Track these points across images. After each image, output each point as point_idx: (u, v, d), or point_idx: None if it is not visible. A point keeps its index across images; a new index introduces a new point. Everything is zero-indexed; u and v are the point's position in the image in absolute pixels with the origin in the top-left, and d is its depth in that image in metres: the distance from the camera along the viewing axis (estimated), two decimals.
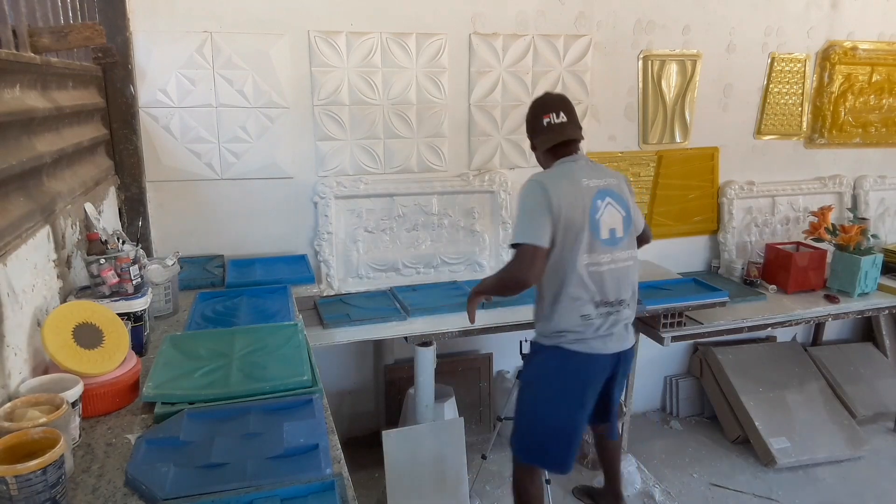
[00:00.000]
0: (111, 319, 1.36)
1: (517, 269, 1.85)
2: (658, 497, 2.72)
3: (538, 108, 2.04)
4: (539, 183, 1.88)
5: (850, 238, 2.98)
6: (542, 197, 1.85)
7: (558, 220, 1.85)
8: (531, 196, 1.87)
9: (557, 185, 1.88)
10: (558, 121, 1.99)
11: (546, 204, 1.84)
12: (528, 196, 1.88)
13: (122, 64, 2.21)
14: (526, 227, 1.84)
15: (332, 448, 1.17)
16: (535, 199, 1.85)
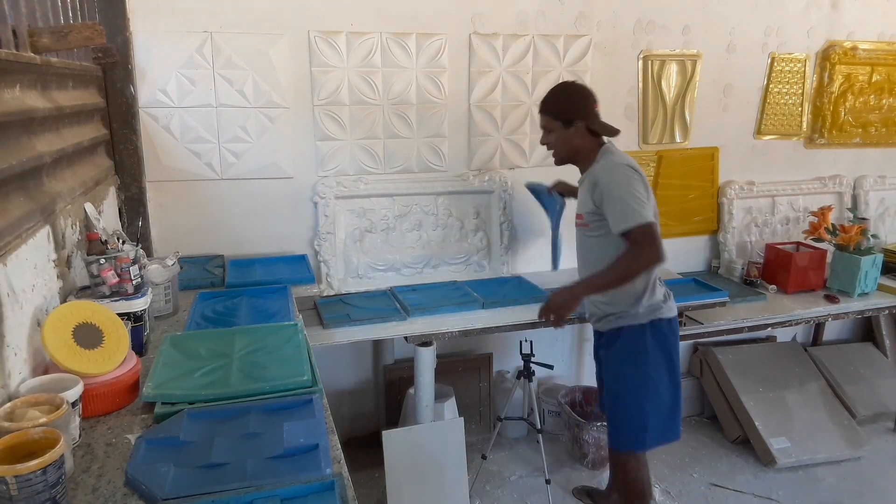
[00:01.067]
0: (111, 319, 1.36)
1: (653, 249, 1.84)
2: (658, 497, 2.72)
3: (589, 96, 2.03)
4: (633, 167, 1.92)
5: (850, 238, 2.98)
6: (641, 179, 1.90)
7: (649, 200, 1.93)
8: (633, 178, 1.88)
9: (639, 168, 1.96)
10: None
11: (644, 185, 1.90)
12: (630, 179, 1.88)
13: (122, 64, 2.21)
14: (643, 208, 1.84)
15: (332, 448, 1.17)
16: (639, 181, 1.89)
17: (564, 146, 2.01)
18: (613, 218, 1.86)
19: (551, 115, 2.00)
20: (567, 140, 2.00)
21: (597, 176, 1.93)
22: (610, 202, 1.87)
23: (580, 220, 2.03)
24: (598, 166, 1.95)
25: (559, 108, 2.00)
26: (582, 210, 2.01)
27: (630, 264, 1.86)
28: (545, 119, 2.02)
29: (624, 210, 1.84)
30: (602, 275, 1.90)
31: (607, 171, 1.91)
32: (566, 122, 1.98)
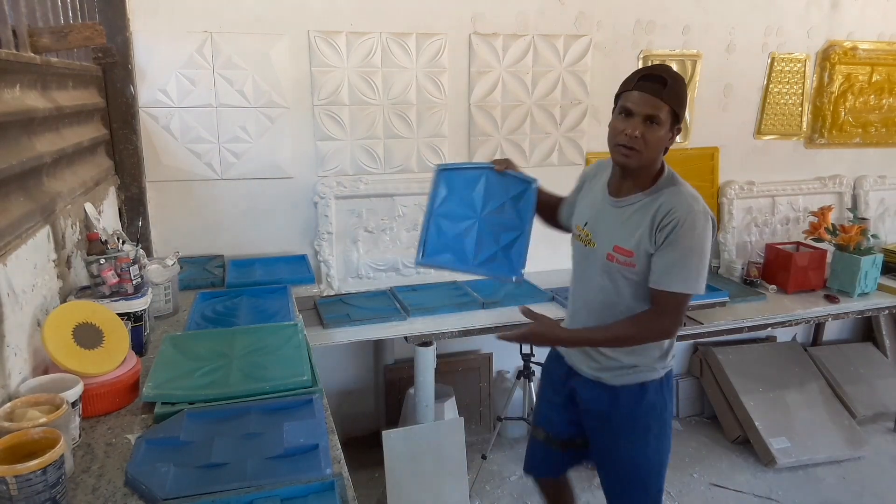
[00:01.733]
0: (111, 319, 1.36)
1: (677, 324, 1.54)
2: None
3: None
4: (712, 218, 1.52)
5: (850, 238, 2.98)
6: (711, 235, 1.51)
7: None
8: (708, 235, 1.50)
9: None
10: None
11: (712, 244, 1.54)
12: (708, 236, 1.50)
13: (122, 64, 2.21)
14: (703, 278, 1.50)
15: (332, 448, 1.17)
16: (710, 239, 1.51)
17: (657, 149, 1.50)
18: (665, 270, 1.48)
19: (672, 105, 1.46)
20: (663, 143, 1.50)
21: (673, 211, 1.47)
22: (676, 252, 1.47)
23: (625, 256, 1.53)
24: (674, 197, 1.50)
25: (682, 100, 1.50)
26: (631, 245, 1.52)
27: (644, 331, 1.54)
28: (660, 107, 1.45)
29: (687, 271, 1.47)
30: (604, 332, 1.56)
31: (691, 213, 1.46)
32: (676, 121, 1.49)
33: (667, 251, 1.48)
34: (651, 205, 1.52)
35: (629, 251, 1.53)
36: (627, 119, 1.46)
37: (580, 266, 1.70)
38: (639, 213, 1.53)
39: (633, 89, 1.47)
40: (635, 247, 1.52)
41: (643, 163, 1.50)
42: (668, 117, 1.47)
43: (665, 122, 1.47)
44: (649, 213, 1.51)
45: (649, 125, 1.46)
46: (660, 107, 1.45)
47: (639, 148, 1.47)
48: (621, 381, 1.64)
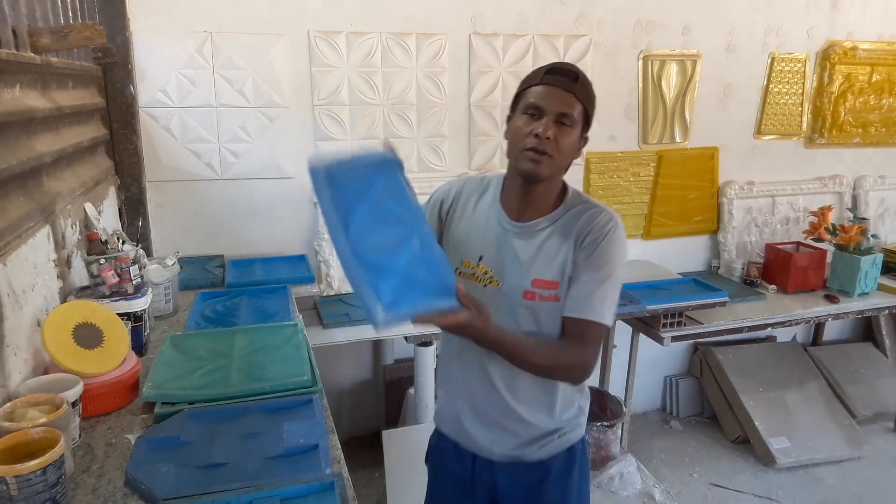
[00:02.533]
0: (111, 319, 1.36)
1: (594, 360, 1.28)
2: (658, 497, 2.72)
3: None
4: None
5: (850, 238, 2.98)
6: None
7: None
8: (624, 254, 1.29)
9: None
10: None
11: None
12: (623, 253, 1.29)
13: (122, 64, 2.21)
14: (616, 301, 1.28)
15: (332, 448, 1.17)
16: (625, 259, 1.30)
17: (568, 157, 1.27)
18: (587, 296, 1.23)
19: (585, 104, 1.25)
20: (573, 151, 1.27)
21: (595, 223, 1.26)
22: (599, 274, 1.24)
23: (549, 290, 1.26)
24: (592, 209, 1.28)
25: (593, 101, 1.28)
26: (553, 274, 1.26)
27: (569, 363, 1.25)
28: (572, 104, 1.23)
29: (603, 299, 1.24)
30: (540, 351, 1.25)
31: (614, 227, 1.26)
32: (586, 126, 1.28)
33: (588, 272, 1.24)
34: (570, 224, 1.27)
35: (553, 282, 1.26)
36: (534, 119, 1.23)
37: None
38: (556, 236, 1.27)
39: (539, 84, 1.24)
40: (559, 275, 1.26)
41: (554, 171, 1.25)
42: (580, 118, 1.24)
43: (577, 123, 1.24)
44: (571, 233, 1.26)
45: (561, 126, 1.22)
46: (573, 104, 1.22)
47: (551, 152, 1.21)
48: (548, 452, 1.36)
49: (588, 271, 1.24)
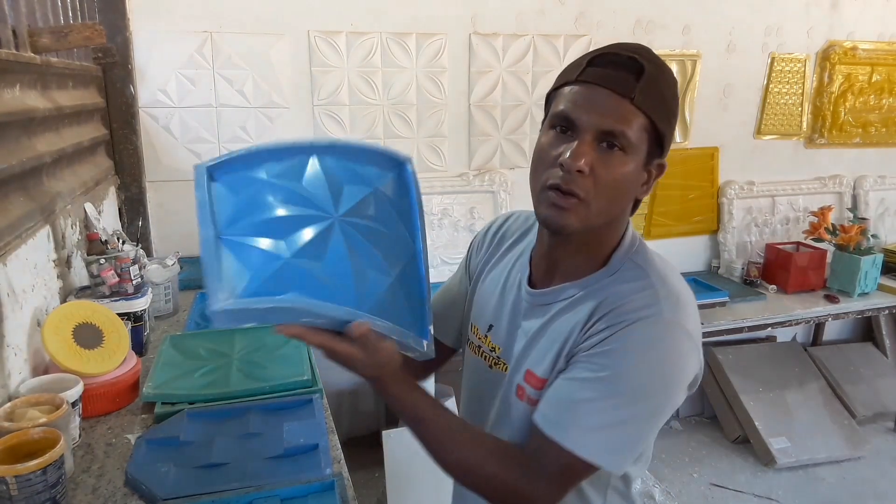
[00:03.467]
0: (111, 319, 1.36)
1: (548, 496, 0.81)
2: (658, 497, 2.72)
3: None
4: (693, 342, 0.83)
5: (850, 238, 2.98)
6: (686, 379, 0.83)
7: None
8: (677, 373, 0.82)
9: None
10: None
11: (684, 393, 0.84)
12: (674, 371, 0.81)
13: (122, 64, 2.21)
14: (634, 445, 0.83)
15: (332, 448, 1.17)
16: (676, 387, 0.82)
17: (620, 199, 0.84)
18: (552, 403, 0.82)
19: (652, 113, 0.80)
20: (631, 188, 0.84)
21: (621, 305, 0.81)
22: (581, 382, 0.80)
23: (536, 389, 0.88)
24: (630, 284, 0.84)
25: (669, 107, 0.83)
26: (545, 369, 0.87)
27: (503, 481, 0.82)
28: (628, 115, 0.79)
29: (581, 417, 0.79)
30: (457, 435, 0.85)
31: (651, 317, 0.79)
32: (657, 146, 0.83)
33: (578, 369, 0.81)
34: (589, 298, 0.85)
35: (540, 378, 0.87)
36: (564, 138, 0.81)
37: (475, 391, 1.02)
38: (567, 313, 0.86)
39: (576, 81, 0.81)
40: (549, 370, 0.86)
41: (590, 221, 0.81)
42: (641, 137, 0.79)
43: (637, 146, 0.79)
44: (583, 312, 0.84)
45: (606, 151, 0.79)
46: (627, 116, 0.78)
47: (583, 193, 0.79)
48: None
49: (579, 369, 0.80)
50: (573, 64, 0.85)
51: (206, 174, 0.91)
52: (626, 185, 0.82)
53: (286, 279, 0.79)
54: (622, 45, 0.83)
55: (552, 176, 0.81)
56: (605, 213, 0.82)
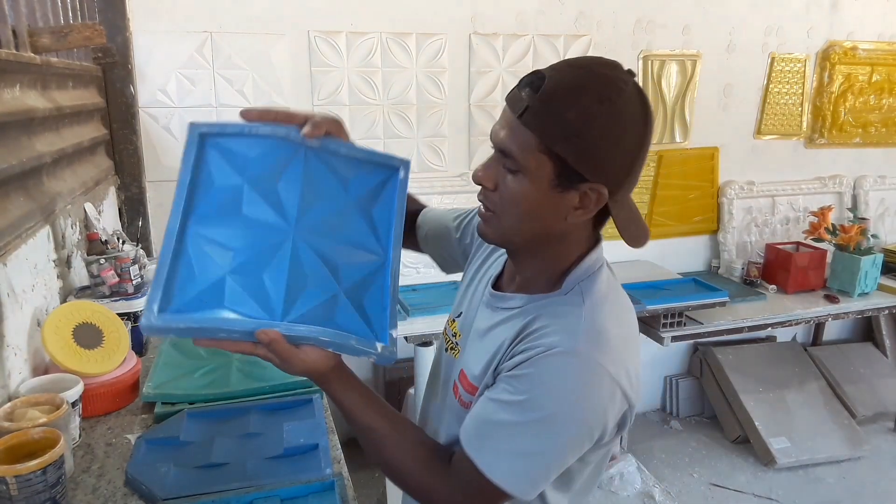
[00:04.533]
0: (111, 319, 1.36)
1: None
2: (658, 497, 2.72)
3: (649, 125, 0.80)
4: (614, 381, 0.77)
5: (850, 238, 2.98)
6: (601, 418, 0.78)
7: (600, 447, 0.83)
8: (588, 414, 0.77)
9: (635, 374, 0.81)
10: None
11: (599, 431, 0.79)
12: (568, 400, 0.77)
13: (122, 64, 2.21)
14: (533, 468, 0.79)
15: (332, 448, 1.17)
16: (590, 424, 0.78)
17: (525, 218, 0.82)
18: (471, 419, 0.82)
19: (545, 141, 0.76)
20: (537, 207, 0.81)
21: (543, 332, 0.80)
22: (499, 403, 0.79)
23: (468, 392, 0.89)
24: (562, 313, 0.81)
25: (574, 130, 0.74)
26: (476, 374, 0.88)
27: (419, 484, 0.85)
28: (517, 137, 0.79)
29: (493, 437, 0.78)
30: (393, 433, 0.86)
31: (567, 352, 0.76)
32: (567, 172, 0.77)
33: (498, 390, 0.80)
34: (525, 315, 0.84)
35: (472, 384, 0.88)
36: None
37: (434, 370, 1.08)
38: (506, 324, 0.86)
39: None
40: (480, 377, 0.87)
41: (508, 238, 0.85)
42: (537, 158, 0.76)
43: (531, 167, 0.77)
44: (514, 329, 0.83)
45: (504, 168, 0.81)
46: (516, 135, 0.77)
47: (491, 206, 0.83)
48: None
49: (499, 389, 0.80)
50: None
51: (197, 140, 0.85)
52: (531, 207, 0.80)
53: (222, 291, 0.81)
54: (567, 60, 0.82)
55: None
56: (518, 231, 0.84)
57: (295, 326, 0.81)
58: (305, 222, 0.86)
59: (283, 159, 0.86)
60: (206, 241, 0.82)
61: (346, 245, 0.88)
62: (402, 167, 0.93)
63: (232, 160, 0.85)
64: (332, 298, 0.85)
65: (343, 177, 0.89)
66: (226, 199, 0.84)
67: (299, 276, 0.84)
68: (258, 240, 0.84)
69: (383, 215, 0.91)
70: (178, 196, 0.82)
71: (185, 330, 0.79)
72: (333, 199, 0.89)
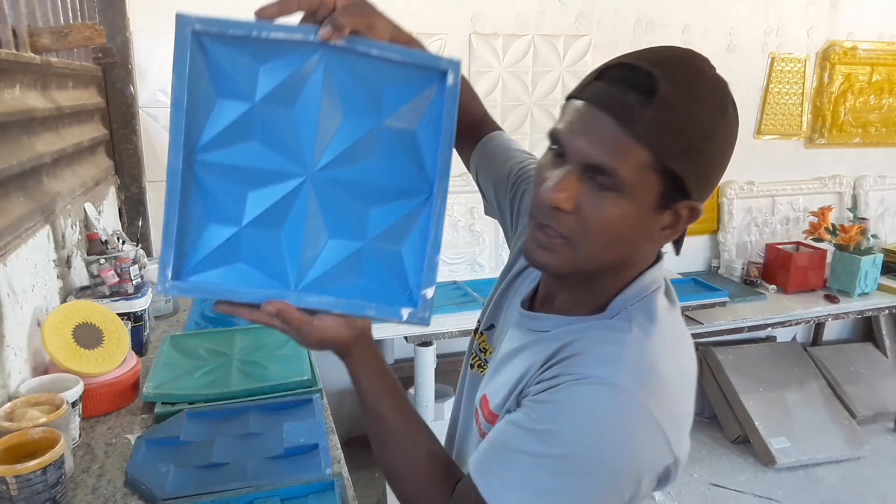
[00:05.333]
0: (111, 319, 1.36)
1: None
2: (658, 497, 2.72)
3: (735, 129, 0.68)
4: (658, 426, 0.64)
5: (850, 238, 2.98)
6: (634, 469, 0.65)
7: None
8: (623, 462, 0.64)
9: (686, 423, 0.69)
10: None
11: (631, 487, 0.65)
12: (614, 458, 0.64)
13: (122, 64, 2.21)
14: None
15: (332, 448, 1.17)
16: (623, 474, 0.65)
17: (613, 243, 0.68)
18: (485, 443, 0.71)
19: (657, 152, 0.63)
20: (631, 231, 0.68)
21: (575, 360, 0.68)
22: (518, 431, 0.68)
23: (487, 420, 0.80)
24: (598, 340, 0.70)
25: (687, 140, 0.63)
26: (498, 402, 0.78)
27: (417, 495, 0.77)
28: (622, 150, 0.63)
29: (507, 468, 0.67)
30: (400, 439, 0.78)
31: (599, 384, 0.65)
32: (676, 188, 0.66)
33: (520, 417, 0.69)
34: (559, 338, 0.73)
35: (493, 412, 0.79)
36: (557, 161, 0.69)
37: (461, 386, 0.97)
38: (534, 346, 0.76)
39: (579, 96, 0.67)
40: (501, 405, 0.77)
41: (579, 268, 0.70)
42: (646, 176, 0.64)
43: (637, 186, 0.64)
44: (545, 352, 0.73)
45: (595, 187, 0.65)
46: (623, 149, 0.63)
47: (567, 232, 0.67)
48: None
49: (521, 414, 0.69)
50: (591, 72, 0.69)
51: (190, 39, 0.66)
52: (624, 231, 0.67)
53: (237, 247, 0.71)
54: (650, 53, 0.66)
55: (536, 207, 0.70)
56: (598, 259, 0.69)
57: (305, 297, 0.71)
58: (327, 155, 0.71)
59: (298, 72, 0.70)
60: (216, 169, 0.69)
61: (378, 179, 0.72)
62: (450, 69, 0.73)
63: (235, 74, 0.68)
64: (358, 252, 0.73)
65: (374, 87, 0.72)
66: (232, 124, 0.69)
67: (318, 229, 0.72)
68: (271, 183, 0.70)
69: (427, 137, 0.73)
70: (176, 122, 0.66)
71: (201, 295, 0.73)
72: (362, 119, 0.72)
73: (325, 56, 0.70)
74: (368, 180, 0.72)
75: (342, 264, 0.73)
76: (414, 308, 0.73)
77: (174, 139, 0.67)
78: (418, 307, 0.73)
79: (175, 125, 0.67)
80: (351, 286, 0.73)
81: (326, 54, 0.70)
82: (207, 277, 0.71)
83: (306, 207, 0.71)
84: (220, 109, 0.69)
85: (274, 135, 0.70)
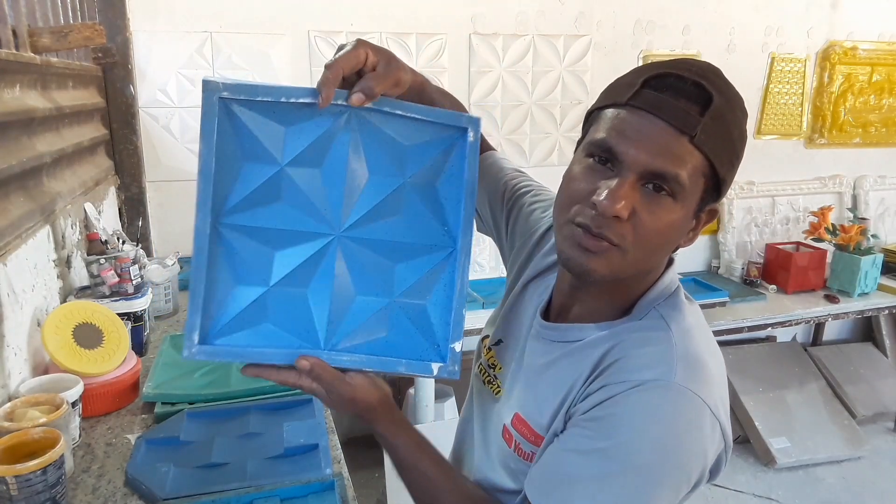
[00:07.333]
0: (111, 319, 1.36)
1: None
2: None
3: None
4: (714, 417, 0.67)
5: (850, 238, 2.98)
6: (701, 460, 0.66)
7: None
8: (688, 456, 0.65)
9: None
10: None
11: (698, 475, 0.67)
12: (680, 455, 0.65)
13: (122, 64, 2.21)
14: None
15: (332, 448, 1.17)
16: (688, 468, 0.66)
17: (659, 250, 0.74)
18: (543, 472, 0.70)
19: (711, 158, 0.71)
20: (676, 236, 0.75)
21: (623, 366, 0.68)
22: (577, 452, 0.67)
23: (526, 439, 0.76)
24: (642, 341, 0.71)
25: (732, 143, 0.77)
26: (542, 420, 0.75)
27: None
28: (685, 157, 0.67)
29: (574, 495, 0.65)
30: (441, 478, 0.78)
31: (655, 386, 0.65)
32: (715, 189, 0.75)
33: (575, 436, 0.68)
34: (598, 345, 0.73)
35: (536, 432, 0.75)
36: (601, 170, 0.68)
37: (469, 404, 0.97)
38: (572, 357, 0.74)
39: (626, 104, 0.67)
40: (548, 426, 0.74)
41: (624, 273, 0.70)
42: (697, 182, 0.69)
43: (691, 191, 0.68)
44: (588, 362, 0.72)
45: (651, 194, 0.67)
46: (685, 156, 0.66)
47: (617, 240, 0.67)
48: None
49: (574, 435, 0.68)
50: (623, 81, 0.69)
51: (217, 105, 0.67)
52: (672, 235, 0.71)
53: (264, 308, 0.72)
54: (686, 63, 0.69)
55: (580, 215, 0.68)
56: (642, 263, 0.71)
57: (337, 356, 0.72)
58: (354, 214, 0.71)
59: (325, 133, 0.70)
60: (243, 231, 0.71)
61: (403, 236, 0.73)
62: (470, 127, 0.73)
63: (263, 137, 0.69)
64: (384, 309, 0.74)
65: (398, 146, 0.72)
66: (260, 187, 0.70)
67: (346, 287, 0.72)
68: (298, 243, 0.71)
69: (448, 191, 0.74)
70: (204, 187, 0.69)
71: (228, 358, 0.73)
72: (388, 177, 0.72)
73: (351, 117, 0.71)
74: (394, 238, 0.74)
75: (370, 321, 0.74)
76: (443, 363, 0.74)
77: (201, 203, 0.71)
78: (447, 361, 0.74)
79: (203, 190, 0.70)
80: (379, 343, 0.74)
81: (353, 115, 0.71)
82: (235, 339, 0.72)
83: (334, 266, 0.72)
84: (248, 173, 0.70)
85: (301, 195, 0.71)
